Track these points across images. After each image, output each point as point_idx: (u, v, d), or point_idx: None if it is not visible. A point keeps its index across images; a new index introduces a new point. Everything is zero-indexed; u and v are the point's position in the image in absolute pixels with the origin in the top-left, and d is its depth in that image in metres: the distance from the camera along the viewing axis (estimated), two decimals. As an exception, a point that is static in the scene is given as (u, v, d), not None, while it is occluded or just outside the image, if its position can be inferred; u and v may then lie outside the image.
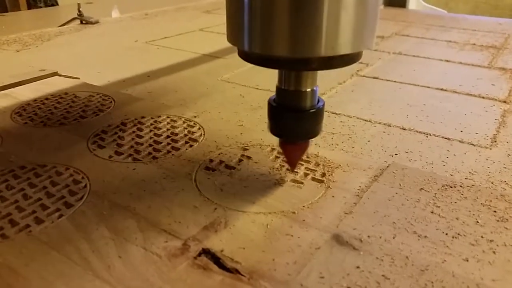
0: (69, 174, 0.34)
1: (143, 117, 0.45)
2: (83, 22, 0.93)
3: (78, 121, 0.44)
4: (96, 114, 0.46)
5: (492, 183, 0.35)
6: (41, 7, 1.74)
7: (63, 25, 0.93)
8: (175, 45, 0.80)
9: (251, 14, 0.25)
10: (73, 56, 0.72)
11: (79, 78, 0.58)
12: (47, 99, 0.50)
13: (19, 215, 0.29)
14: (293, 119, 0.30)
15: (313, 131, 0.31)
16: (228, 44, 0.29)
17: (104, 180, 0.34)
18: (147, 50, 0.78)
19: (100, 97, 0.51)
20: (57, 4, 1.73)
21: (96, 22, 0.94)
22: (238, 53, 0.28)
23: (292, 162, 0.33)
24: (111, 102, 0.50)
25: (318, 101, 0.30)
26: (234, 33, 0.27)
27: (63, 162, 0.36)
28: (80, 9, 0.92)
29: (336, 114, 0.49)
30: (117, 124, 0.43)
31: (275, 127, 0.31)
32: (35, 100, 0.50)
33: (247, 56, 0.28)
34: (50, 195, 0.32)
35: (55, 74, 0.58)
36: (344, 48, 0.25)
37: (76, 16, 0.93)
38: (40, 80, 0.56)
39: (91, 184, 0.33)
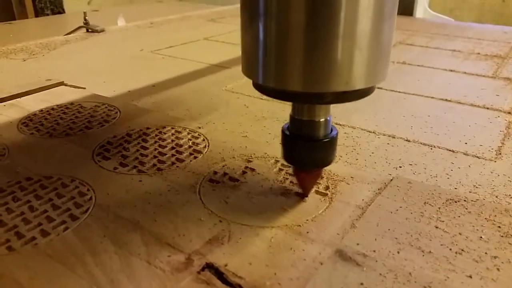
0: (74, 186, 0.35)
1: (148, 128, 0.45)
2: (89, 30, 0.94)
3: (83, 132, 0.45)
4: (102, 125, 0.46)
5: (496, 196, 0.35)
6: (48, 14, 1.76)
7: (70, 33, 0.93)
8: (180, 55, 0.81)
9: (266, 49, 0.25)
10: (79, 65, 0.73)
11: (84, 88, 0.58)
12: (53, 109, 0.51)
13: (25, 227, 0.30)
14: (307, 148, 0.30)
15: (326, 160, 0.31)
16: (232, 54, 0.29)
17: (109, 192, 0.34)
18: (153, 59, 0.78)
19: (106, 107, 0.51)
20: (63, 12, 1.75)
21: (102, 30, 0.95)
22: (253, 85, 0.29)
23: (306, 188, 0.33)
24: (116, 112, 0.50)
25: (332, 130, 0.31)
26: (249, 67, 0.28)
27: (69, 173, 0.37)
28: (86, 17, 0.93)
29: (340, 125, 0.49)
30: (122, 135, 0.44)
31: (288, 156, 0.31)
32: (41, 110, 0.50)
33: (261, 89, 0.28)
34: (56, 207, 0.32)
35: (61, 84, 0.59)
36: (358, 83, 0.25)
37: (82, 24, 0.94)
38: (46, 90, 0.57)
39: (96, 196, 0.33)
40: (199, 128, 0.46)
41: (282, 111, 0.53)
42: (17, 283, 0.25)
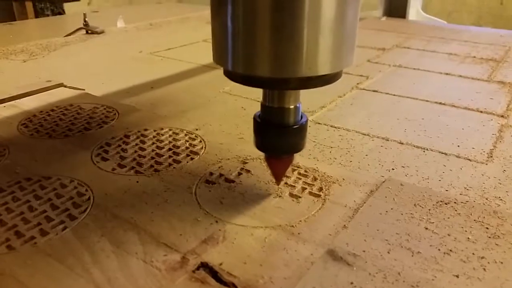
0: (73, 187, 0.35)
1: (146, 130, 0.46)
2: (89, 32, 0.95)
3: (82, 133, 0.46)
4: (100, 126, 0.47)
5: (486, 199, 0.35)
6: (48, 15, 1.76)
7: (69, 35, 0.94)
8: (179, 56, 0.81)
9: (234, 36, 0.26)
10: (78, 67, 0.74)
11: (84, 90, 0.59)
12: (52, 110, 0.51)
13: (25, 226, 0.30)
14: (277, 135, 0.31)
15: (297, 146, 0.32)
16: None
17: (107, 192, 0.35)
18: (151, 61, 0.79)
19: (104, 109, 0.52)
20: (64, 13, 1.76)
21: (102, 32, 0.95)
22: (224, 72, 0.30)
23: (277, 175, 0.34)
24: (115, 114, 0.51)
25: (302, 117, 0.31)
26: (218, 54, 0.28)
27: (68, 174, 0.37)
28: (86, 19, 0.94)
29: (335, 127, 0.50)
30: (121, 136, 0.45)
31: (260, 143, 0.32)
32: (41, 111, 0.51)
33: (231, 75, 0.29)
34: (54, 207, 0.32)
35: (60, 85, 0.60)
36: (323, 69, 0.26)
37: (82, 26, 0.95)
38: (46, 91, 0.58)
39: (95, 196, 0.34)
40: (196, 129, 0.47)
41: (279, 113, 0.53)
42: (17, 281, 0.26)
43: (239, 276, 0.26)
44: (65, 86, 0.60)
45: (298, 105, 0.31)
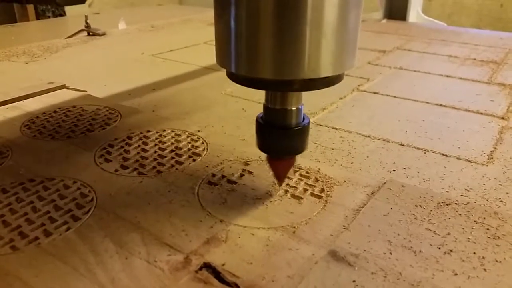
0: (76, 188, 0.36)
1: (148, 131, 0.46)
2: (90, 34, 0.95)
3: (85, 134, 0.46)
4: (103, 128, 0.47)
5: (487, 200, 0.36)
6: (49, 17, 1.77)
7: (71, 36, 0.95)
8: (180, 58, 0.82)
9: (237, 39, 0.26)
10: (80, 69, 0.74)
11: (86, 91, 0.59)
12: (55, 112, 0.52)
13: (29, 227, 0.30)
14: (279, 136, 0.31)
15: (299, 148, 0.32)
16: None
17: (110, 193, 0.35)
18: (153, 63, 0.79)
19: (107, 110, 0.52)
20: (64, 14, 1.76)
21: (103, 34, 0.96)
22: (227, 74, 0.30)
23: (279, 177, 0.34)
24: (117, 115, 0.51)
25: (304, 119, 0.32)
26: (222, 56, 0.29)
27: (71, 175, 0.38)
28: (88, 21, 0.94)
29: (336, 129, 0.50)
30: (123, 138, 0.45)
31: (262, 144, 0.32)
32: (43, 113, 0.51)
33: (234, 77, 0.29)
34: (58, 208, 0.33)
35: (63, 87, 0.60)
36: (325, 71, 0.26)
37: (83, 28, 0.95)
38: (48, 93, 0.58)
39: (98, 197, 0.34)
40: (198, 131, 0.47)
41: (280, 115, 0.54)
42: (22, 282, 0.26)
43: (241, 276, 0.26)
44: (68, 88, 0.60)
45: (300, 106, 0.31)
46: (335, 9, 0.25)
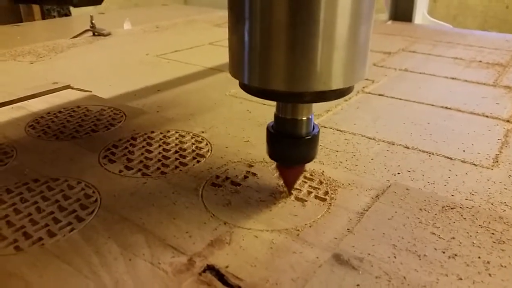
0: (80, 188, 0.36)
1: (152, 132, 0.47)
2: (96, 34, 0.95)
3: (89, 135, 0.46)
4: (107, 128, 0.48)
5: (492, 204, 0.35)
6: (54, 16, 1.77)
7: (76, 36, 0.95)
8: (185, 59, 0.82)
9: (251, 51, 0.27)
10: (85, 69, 0.74)
11: (91, 91, 0.60)
12: (60, 112, 0.52)
13: (33, 228, 0.31)
14: (290, 145, 0.32)
15: (308, 156, 0.33)
16: None
17: (114, 194, 0.35)
18: (158, 63, 0.79)
19: (112, 111, 0.53)
20: (70, 14, 1.77)
21: (108, 34, 0.96)
22: (239, 85, 0.31)
23: (289, 184, 0.35)
24: (122, 116, 0.51)
25: (314, 128, 0.32)
26: (235, 68, 0.29)
27: (75, 176, 0.38)
28: (93, 21, 0.94)
29: (341, 131, 0.50)
30: (128, 138, 0.45)
31: (273, 152, 0.33)
32: (48, 113, 0.51)
33: (247, 88, 0.30)
34: (62, 208, 0.33)
35: (67, 87, 0.60)
36: (336, 83, 0.27)
37: (88, 28, 0.95)
38: (53, 93, 0.58)
39: (102, 198, 0.34)
40: (203, 132, 0.47)
41: (284, 116, 0.54)
42: (26, 282, 0.26)
43: (245, 279, 0.26)
44: (72, 88, 0.60)
45: (310, 116, 0.31)
46: (346, 23, 0.25)
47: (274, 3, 0.25)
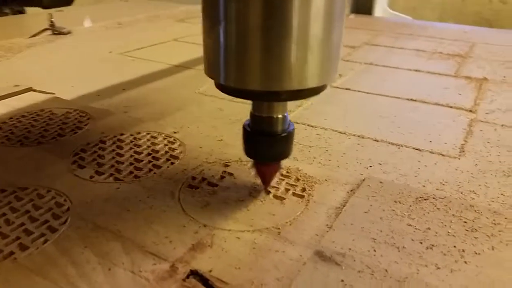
0: (51, 197, 0.34)
1: (122, 134, 0.45)
2: (55, 32, 0.92)
3: (56, 139, 0.44)
4: (74, 132, 0.46)
5: (461, 193, 0.37)
6: (7, 14, 1.69)
7: (34, 35, 0.91)
8: (150, 56, 0.80)
9: (226, 51, 0.27)
10: (46, 69, 0.71)
11: (54, 94, 0.57)
12: (23, 116, 0.49)
13: (3, 241, 0.29)
14: (266, 143, 0.32)
15: (284, 153, 0.33)
16: (201, 54, 0.31)
17: (86, 201, 0.34)
18: (122, 61, 0.77)
19: (77, 113, 0.51)
20: (24, 11, 1.69)
21: (69, 32, 0.93)
22: (215, 85, 0.30)
23: (266, 181, 0.35)
24: (88, 118, 0.49)
25: (289, 126, 0.33)
26: (211, 68, 0.29)
27: (44, 184, 0.36)
28: (52, 19, 0.90)
29: (312, 126, 0.50)
30: (96, 142, 0.43)
31: (249, 150, 0.33)
32: (10, 118, 0.49)
33: (223, 88, 0.30)
34: (33, 219, 0.31)
35: (29, 89, 0.58)
36: (311, 82, 0.28)
37: (47, 26, 0.91)
38: (14, 96, 0.55)
39: (74, 206, 0.33)
40: (175, 133, 0.46)
41: (256, 113, 0.53)
42: (-2, 299, 0.25)
43: (230, 282, 0.26)
44: (34, 91, 0.58)
45: (286, 114, 0.32)
46: (320, 25, 0.26)
47: (249, 7, 0.25)
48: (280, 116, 0.31)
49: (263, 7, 0.25)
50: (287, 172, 0.38)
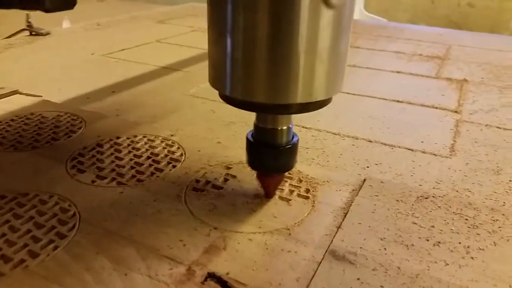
0: (54, 202, 0.34)
1: (118, 137, 0.45)
2: (33, 33, 0.89)
3: (51, 143, 0.43)
4: (69, 136, 0.45)
5: (457, 191, 0.38)
6: (-25, 13, 1.63)
7: (11, 36, 0.88)
8: (134, 58, 0.79)
9: (233, 63, 0.27)
10: (28, 71, 0.69)
11: (41, 96, 0.56)
12: (12, 120, 0.48)
13: (11, 249, 0.28)
14: (270, 155, 0.32)
15: (288, 165, 0.33)
16: (187, 56, 0.30)
17: (92, 206, 0.33)
18: (106, 63, 0.76)
19: (69, 116, 0.50)
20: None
21: (47, 33, 0.90)
22: (220, 96, 0.30)
23: (269, 192, 0.35)
24: (81, 122, 0.49)
25: (293, 137, 0.33)
26: (216, 79, 0.29)
27: (45, 189, 0.35)
28: (30, 19, 0.88)
29: (306, 128, 0.51)
30: (93, 146, 0.43)
31: (253, 162, 0.33)
32: (0, 121, 0.48)
33: (229, 100, 0.30)
34: (39, 225, 0.31)
35: (15, 92, 0.56)
36: (320, 95, 0.28)
37: (25, 27, 0.89)
38: (0, 99, 0.54)
39: (80, 211, 0.33)
40: (172, 135, 0.46)
41: (250, 115, 0.53)
42: (13, 308, 0.24)
43: (248, 283, 0.26)
44: (21, 93, 0.56)
45: (290, 125, 0.32)
46: (329, 36, 0.26)
47: (257, 20, 0.25)
48: (285, 127, 0.32)
49: (271, 21, 0.25)
50: (289, 173, 0.39)
